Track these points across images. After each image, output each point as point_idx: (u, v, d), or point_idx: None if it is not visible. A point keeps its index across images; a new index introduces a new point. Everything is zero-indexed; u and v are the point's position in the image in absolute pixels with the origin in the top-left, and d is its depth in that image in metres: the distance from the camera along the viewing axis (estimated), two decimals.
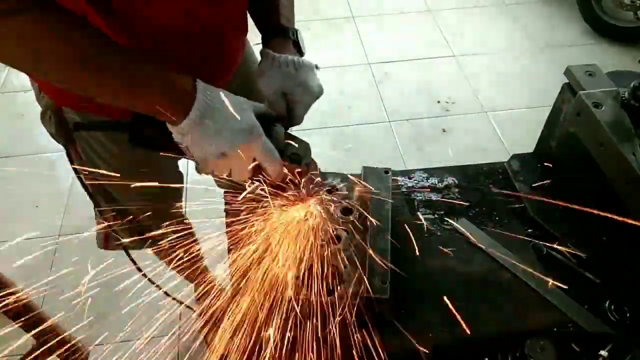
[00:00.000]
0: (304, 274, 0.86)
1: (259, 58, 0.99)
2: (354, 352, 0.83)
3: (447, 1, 3.52)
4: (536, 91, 2.86)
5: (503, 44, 3.22)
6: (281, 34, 0.98)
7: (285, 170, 0.84)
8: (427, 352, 0.83)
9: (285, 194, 0.88)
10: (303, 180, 0.88)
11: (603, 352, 0.80)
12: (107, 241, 1.37)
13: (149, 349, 1.94)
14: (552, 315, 0.89)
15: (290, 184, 0.87)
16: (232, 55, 1.09)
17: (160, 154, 0.85)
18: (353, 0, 3.53)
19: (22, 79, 2.97)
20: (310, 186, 0.90)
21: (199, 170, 0.81)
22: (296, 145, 0.86)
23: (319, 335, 0.84)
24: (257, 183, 0.86)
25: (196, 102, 0.73)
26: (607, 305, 0.90)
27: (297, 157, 0.84)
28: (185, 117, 0.73)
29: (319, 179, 0.92)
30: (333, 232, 0.95)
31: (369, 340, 0.86)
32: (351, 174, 1.06)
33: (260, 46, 1.06)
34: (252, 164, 0.81)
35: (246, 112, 0.77)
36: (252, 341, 0.81)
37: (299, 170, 0.86)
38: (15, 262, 2.11)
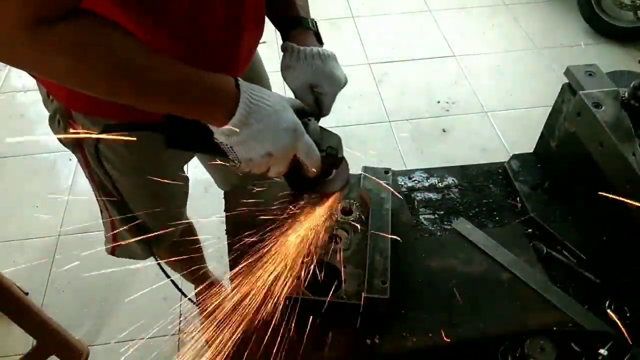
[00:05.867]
0: (304, 273, 0.87)
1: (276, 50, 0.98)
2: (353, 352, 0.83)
3: (447, 1, 3.52)
4: (536, 91, 2.86)
5: (503, 44, 3.21)
6: (301, 26, 0.97)
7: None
8: (427, 352, 0.84)
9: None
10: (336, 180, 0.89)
11: (603, 351, 0.80)
12: (114, 247, 1.36)
13: (149, 349, 1.94)
14: (552, 315, 0.89)
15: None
16: (249, 47, 1.07)
17: (170, 155, 0.83)
18: (353, 0, 3.53)
19: (22, 79, 2.97)
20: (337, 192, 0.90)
21: (237, 168, 0.80)
22: (330, 139, 0.86)
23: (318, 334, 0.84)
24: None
25: (241, 102, 0.72)
26: (607, 305, 0.91)
27: (334, 150, 0.84)
28: (231, 117, 0.72)
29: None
30: (333, 232, 0.95)
31: (368, 341, 0.86)
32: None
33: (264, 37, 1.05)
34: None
35: (287, 110, 0.77)
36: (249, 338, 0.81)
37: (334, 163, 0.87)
38: (16, 262, 2.12)
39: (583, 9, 3.17)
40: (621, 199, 0.87)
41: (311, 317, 0.84)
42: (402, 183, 1.13)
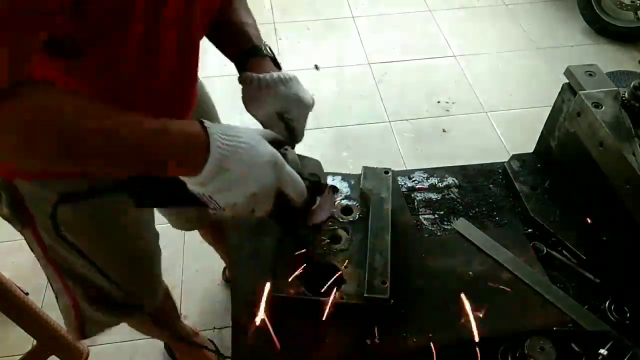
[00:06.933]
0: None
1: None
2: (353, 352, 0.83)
3: (447, 1, 3.52)
4: (536, 91, 2.85)
5: (503, 44, 3.21)
6: (256, 54, 0.92)
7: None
8: (427, 352, 0.84)
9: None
10: (324, 198, 0.86)
11: (603, 351, 0.80)
12: (83, 328, 1.21)
13: (149, 348, 1.94)
14: (552, 315, 0.89)
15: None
16: (195, 82, 1.02)
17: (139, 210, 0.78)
18: (353, 0, 3.53)
19: None
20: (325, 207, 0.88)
21: (220, 215, 0.74)
22: (310, 165, 0.83)
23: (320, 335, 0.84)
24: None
25: (212, 147, 0.66)
26: (607, 305, 0.91)
27: (316, 176, 0.81)
28: (204, 165, 0.66)
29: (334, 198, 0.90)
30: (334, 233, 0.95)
31: (368, 341, 0.86)
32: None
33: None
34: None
35: (263, 143, 0.72)
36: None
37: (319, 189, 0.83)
38: (16, 262, 2.12)
39: (583, 9, 3.17)
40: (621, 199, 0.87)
41: (312, 317, 0.84)
42: (402, 183, 1.13)
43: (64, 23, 0.60)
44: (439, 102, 2.84)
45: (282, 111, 0.87)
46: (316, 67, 2.99)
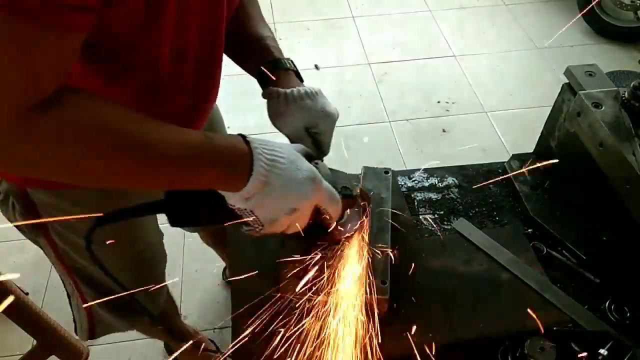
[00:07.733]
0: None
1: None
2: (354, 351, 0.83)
3: (447, 1, 3.52)
4: (536, 91, 2.86)
5: (503, 44, 3.22)
6: (279, 68, 0.91)
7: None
8: (428, 352, 0.84)
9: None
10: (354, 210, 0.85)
11: (603, 351, 0.80)
12: (93, 329, 1.24)
13: (149, 348, 1.94)
14: (552, 315, 0.89)
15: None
16: (217, 85, 1.00)
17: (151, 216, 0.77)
18: (353, 0, 3.53)
19: None
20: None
21: (257, 232, 0.72)
22: (340, 178, 0.82)
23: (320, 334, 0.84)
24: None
25: (256, 160, 0.66)
26: (607, 305, 0.91)
27: (348, 190, 0.80)
28: (248, 179, 0.65)
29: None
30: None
31: (368, 340, 0.86)
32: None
33: None
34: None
35: (301, 159, 0.71)
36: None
37: (353, 202, 0.83)
38: (16, 262, 2.12)
39: (583, 9, 3.17)
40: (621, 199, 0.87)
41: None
42: (402, 183, 1.13)
43: (100, 19, 0.57)
44: (438, 102, 2.84)
45: (310, 125, 0.87)
46: (316, 67, 2.99)
